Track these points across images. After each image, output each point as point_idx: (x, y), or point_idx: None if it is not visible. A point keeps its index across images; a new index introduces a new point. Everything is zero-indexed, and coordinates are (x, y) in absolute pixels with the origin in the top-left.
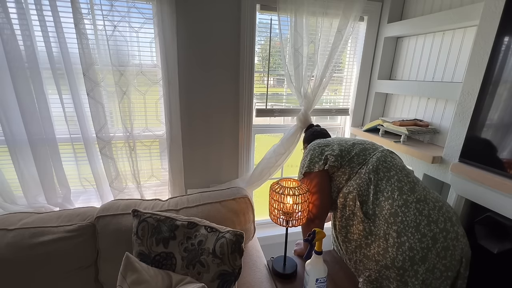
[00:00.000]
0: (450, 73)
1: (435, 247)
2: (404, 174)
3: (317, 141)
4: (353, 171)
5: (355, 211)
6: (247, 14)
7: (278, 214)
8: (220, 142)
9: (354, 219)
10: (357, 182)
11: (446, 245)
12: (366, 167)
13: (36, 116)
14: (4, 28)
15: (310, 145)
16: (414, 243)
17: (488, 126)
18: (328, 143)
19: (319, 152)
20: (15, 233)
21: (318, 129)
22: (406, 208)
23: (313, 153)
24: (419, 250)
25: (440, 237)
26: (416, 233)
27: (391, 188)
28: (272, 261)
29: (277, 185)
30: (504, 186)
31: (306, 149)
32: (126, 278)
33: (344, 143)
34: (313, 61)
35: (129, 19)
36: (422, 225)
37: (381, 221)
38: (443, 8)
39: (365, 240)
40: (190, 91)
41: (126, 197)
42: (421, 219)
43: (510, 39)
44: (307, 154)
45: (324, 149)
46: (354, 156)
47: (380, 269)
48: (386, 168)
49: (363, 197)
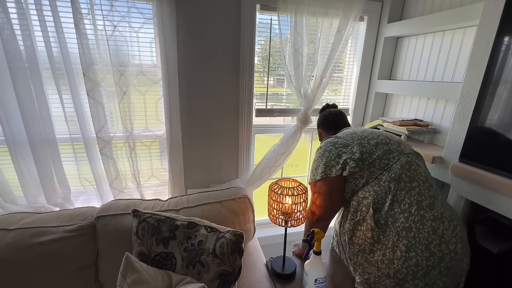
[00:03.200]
0: (450, 73)
1: (440, 266)
2: (426, 187)
3: (333, 139)
4: (372, 176)
5: (366, 217)
6: (247, 14)
7: (277, 214)
8: (220, 142)
9: (363, 225)
10: (375, 189)
11: (450, 265)
12: (387, 174)
13: (36, 116)
14: (4, 28)
15: (324, 143)
16: (421, 260)
17: (488, 126)
18: (347, 143)
19: (335, 154)
20: (15, 233)
21: (334, 112)
22: (421, 225)
23: (328, 156)
24: (424, 267)
25: (447, 258)
26: (425, 251)
27: (410, 201)
28: (271, 261)
29: (276, 185)
30: (504, 186)
31: (321, 149)
32: (126, 278)
33: (366, 142)
34: (313, 61)
35: (129, 19)
36: (433, 244)
37: (392, 232)
38: (443, 8)
39: (370, 246)
40: (190, 91)
41: (126, 197)
42: (434, 238)
43: (510, 39)
44: (322, 156)
45: (342, 151)
46: (376, 159)
47: (380, 276)
48: (409, 178)
49: (378, 205)
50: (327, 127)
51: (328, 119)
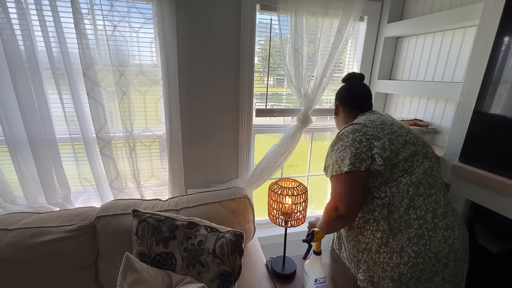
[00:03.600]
0: (450, 73)
1: (444, 272)
2: (442, 195)
3: (361, 128)
4: (393, 177)
5: (378, 218)
6: (247, 14)
7: (277, 214)
8: (220, 142)
9: (373, 225)
10: (392, 191)
11: (454, 271)
12: (409, 177)
13: (36, 116)
14: (4, 28)
15: (352, 131)
16: (428, 267)
17: (488, 126)
18: (378, 136)
19: (367, 146)
20: (15, 233)
21: (361, 86)
22: (434, 233)
23: (359, 147)
24: (429, 272)
25: (451, 265)
26: (433, 258)
27: (426, 208)
28: (271, 261)
29: (276, 185)
30: (505, 186)
31: (347, 138)
32: (126, 278)
33: (395, 139)
34: (313, 61)
35: (129, 19)
36: (443, 253)
37: (403, 237)
38: (443, 8)
39: (377, 247)
40: (190, 91)
41: (126, 197)
42: (444, 247)
43: (510, 39)
44: (350, 146)
45: (373, 145)
46: (402, 160)
47: (384, 277)
48: (428, 184)
49: (393, 207)
50: (350, 103)
51: (355, 93)
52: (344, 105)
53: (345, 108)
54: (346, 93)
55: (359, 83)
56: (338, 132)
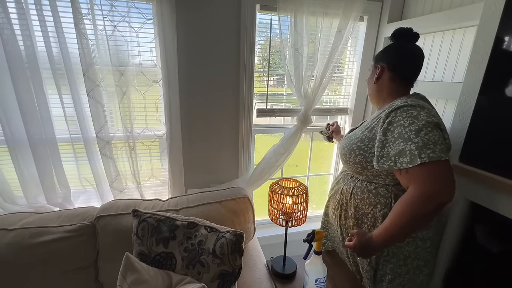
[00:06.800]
0: (450, 73)
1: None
2: None
3: (431, 108)
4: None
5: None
6: (247, 14)
7: (278, 214)
8: (220, 142)
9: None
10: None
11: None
12: None
13: (36, 116)
14: (4, 28)
15: (427, 115)
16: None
17: (488, 126)
18: (443, 126)
19: (442, 137)
20: (15, 233)
21: (418, 49)
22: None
23: (435, 133)
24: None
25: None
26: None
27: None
28: (272, 261)
29: (277, 185)
30: (505, 186)
31: (428, 121)
32: (126, 278)
33: (444, 127)
34: (313, 61)
35: (129, 19)
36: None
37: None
38: (443, 8)
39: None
40: (190, 91)
41: (126, 197)
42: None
43: (510, 39)
44: (435, 128)
45: (444, 136)
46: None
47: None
48: None
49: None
50: (403, 69)
51: (413, 58)
52: (393, 71)
53: (395, 74)
54: (404, 55)
55: (413, 46)
56: (395, 106)
